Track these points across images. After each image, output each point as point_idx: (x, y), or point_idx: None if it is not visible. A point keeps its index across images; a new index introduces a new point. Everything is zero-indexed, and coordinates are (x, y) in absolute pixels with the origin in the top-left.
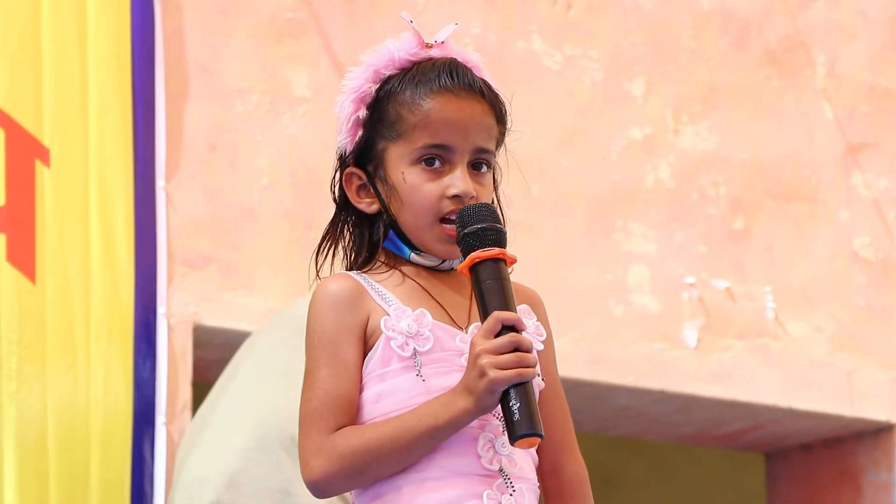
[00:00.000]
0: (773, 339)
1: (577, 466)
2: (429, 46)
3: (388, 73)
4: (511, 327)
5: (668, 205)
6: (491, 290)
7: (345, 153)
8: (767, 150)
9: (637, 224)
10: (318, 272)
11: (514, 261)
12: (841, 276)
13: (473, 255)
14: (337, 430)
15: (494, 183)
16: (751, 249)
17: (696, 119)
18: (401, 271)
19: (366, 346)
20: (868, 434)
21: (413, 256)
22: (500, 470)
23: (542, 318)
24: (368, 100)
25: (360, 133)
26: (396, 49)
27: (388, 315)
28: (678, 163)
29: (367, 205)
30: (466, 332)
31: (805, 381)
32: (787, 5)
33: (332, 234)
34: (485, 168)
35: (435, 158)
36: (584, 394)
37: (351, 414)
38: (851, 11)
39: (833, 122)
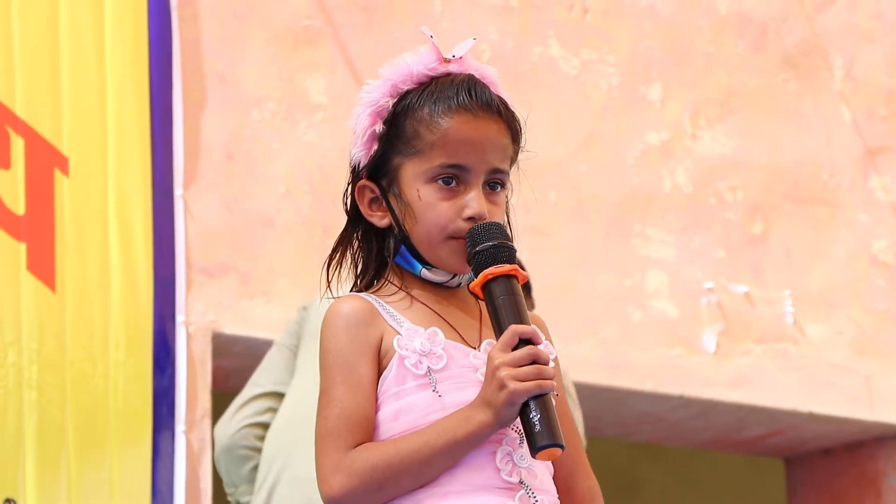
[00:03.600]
0: (792, 343)
1: (589, 482)
2: (447, 61)
3: (405, 87)
4: (528, 340)
5: (686, 210)
6: (505, 305)
7: (358, 166)
8: (785, 153)
9: (655, 229)
10: (328, 283)
11: (525, 278)
12: (860, 279)
13: (487, 271)
14: (355, 447)
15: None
16: (769, 254)
17: (714, 123)
18: (409, 294)
19: (380, 366)
20: (888, 438)
21: (424, 272)
22: (521, 482)
23: (548, 339)
24: (385, 114)
25: (375, 147)
26: (415, 63)
27: (401, 335)
28: (696, 167)
29: (379, 218)
30: (479, 350)
31: (825, 385)
32: (804, 9)
33: (342, 246)
34: (499, 188)
35: (451, 178)
36: (603, 399)
37: (368, 431)
38: (868, 14)
39: (851, 126)
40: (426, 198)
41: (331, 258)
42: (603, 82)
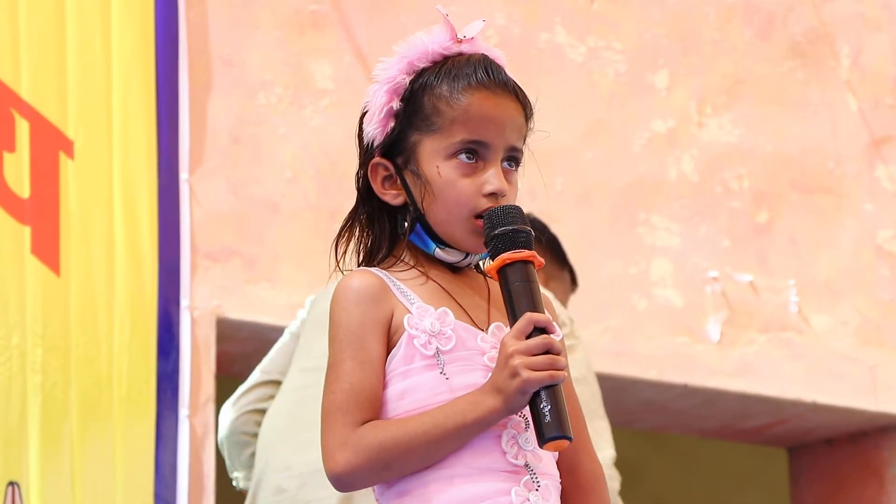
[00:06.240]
0: (796, 332)
1: (593, 465)
2: (459, 41)
3: (421, 65)
4: (542, 329)
5: (692, 198)
6: (520, 291)
7: (372, 143)
8: (791, 142)
9: (660, 217)
10: (338, 261)
11: (542, 264)
12: (865, 269)
13: (504, 255)
14: (362, 424)
15: None
16: (774, 243)
17: (720, 111)
18: (421, 271)
19: (389, 343)
20: (892, 428)
21: (438, 251)
22: (526, 465)
23: (555, 319)
24: (402, 91)
25: (391, 124)
26: (430, 42)
27: (411, 313)
28: (702, 155)
29: (393, 196)
30: (487, 333)
31: (829, 375)
32: None
33: (353, 223)
34: (514, 166)
35: (472, 154)
36: (607, 387)
37: (376, 408)
38: (876, 3)
39: (857, 115)
40: (446, 174)
41: (339, 235)
42: (609, 69)
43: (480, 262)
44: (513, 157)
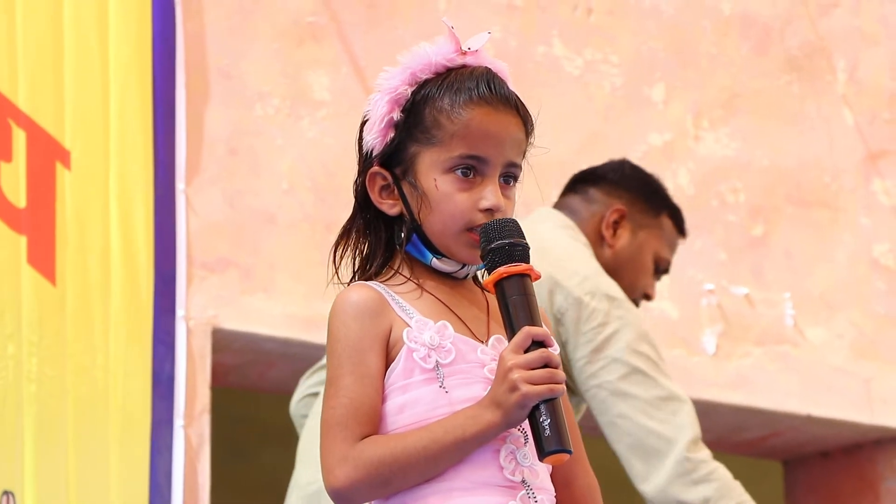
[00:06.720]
0: (792, 345)
1: (588, 479)
2: (463, 53)
3: (424, 76)
4: (540, 343)
5: (688, 211)
6: (518, 305)
7: (371, 153)
8: (787, 156)
9: None
10: (336, 270)
11: (538, 277)
12: (860, 283)
13: (501, 269)
14: (362, 439)
15: None
16: (770, 256)
17: (717, 125)
18: (418, 283)
19: (388, 358)
20: (887, 441)
21: (434, 261)
22: (523, 481)
23: (550, 331)
24: (404, 102)
25: (391, 135)
26: (434, 53)
27: (411, 327)
28: (698, 169)
29: (390, 206)
30: (487, 345)
31: (824, 388)
32: (808, 11)
33: (349, 233)
34: (512, 182)
35: (470, 169)
36: None
37: (375, 423)
38: (873, 18)
39: (854, 129)
40: (443, 188)
41: (337, 245)
42: (606, 82)
43: (478, 274)
44: (511, 173)
